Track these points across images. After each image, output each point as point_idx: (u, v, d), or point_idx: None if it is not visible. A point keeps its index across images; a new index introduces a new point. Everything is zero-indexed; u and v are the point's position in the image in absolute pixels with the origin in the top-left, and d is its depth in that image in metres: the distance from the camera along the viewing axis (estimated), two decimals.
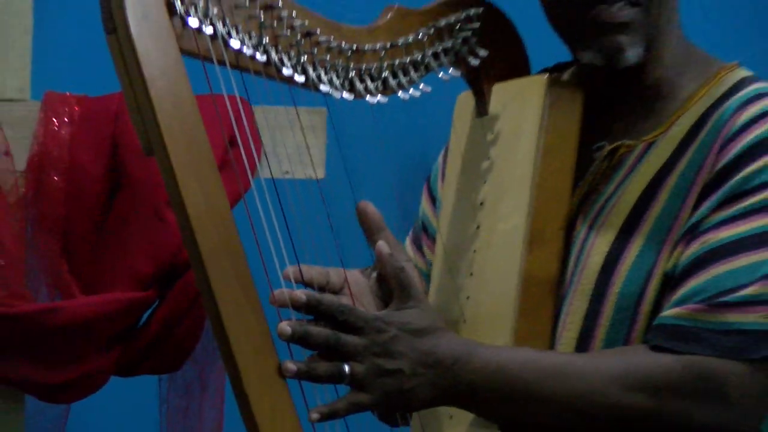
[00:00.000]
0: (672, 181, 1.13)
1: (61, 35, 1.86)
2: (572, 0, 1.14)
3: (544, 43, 1.28)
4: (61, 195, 1.56)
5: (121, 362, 1.55)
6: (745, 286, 1.05)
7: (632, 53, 1.14)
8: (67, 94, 1.60)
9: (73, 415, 1.71)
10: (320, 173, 1.59)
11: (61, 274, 1.54)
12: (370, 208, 1.10)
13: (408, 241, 1.32)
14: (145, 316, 1.57)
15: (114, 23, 0.91)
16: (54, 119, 1.60)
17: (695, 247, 1.07)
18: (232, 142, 1.09)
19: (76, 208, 1.57)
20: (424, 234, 1.32)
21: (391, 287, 1.06)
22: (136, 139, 1.05)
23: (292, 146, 1.46)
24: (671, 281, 1.10)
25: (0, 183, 1.54)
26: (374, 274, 1.14)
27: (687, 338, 1.06)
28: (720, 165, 1.10)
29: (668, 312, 1.08)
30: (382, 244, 1.06)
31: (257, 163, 1.23)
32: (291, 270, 1.00)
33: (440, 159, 1.33)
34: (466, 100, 1.27)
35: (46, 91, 1.58)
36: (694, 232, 1.10)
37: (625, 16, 1.12)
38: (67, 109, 1.61)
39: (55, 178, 1.57)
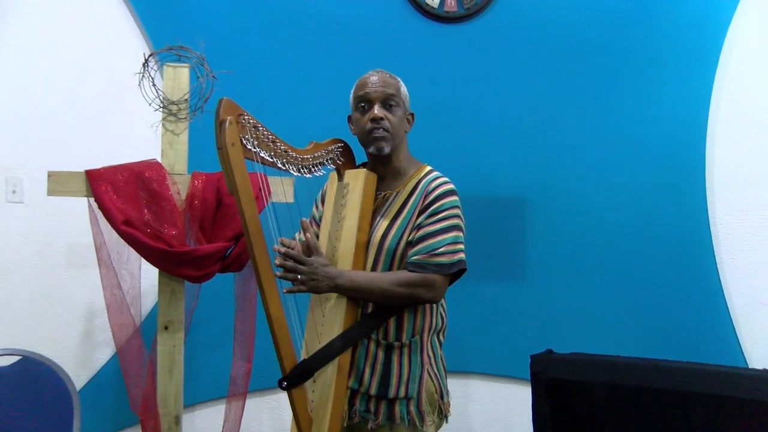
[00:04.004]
0: (408, 206, 1.77)
1: (197, 143, 2.30)
2: (366, 130, 1.77)
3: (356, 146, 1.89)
4: (199, 208, 2.21)
5: (221, 267, 2.26)
6: (440, 247, 1.72)
7: (386, 149, 1.79)
8: (200, 172, 2.27)
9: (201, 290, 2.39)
10: (290, 200, 2.27)
11: (198, 237, 2.20)
12: (304, 219, 1.69)
13: (310, 221, 1.90)
14: (229, 251, 2.26)
15: (220, 145, 1.55)
16: (196, 181, 2.24)
17: (420, 233, 1.74)
18: (260, 189, 1.95)
19: (204, 213, 2.22)
20: (314, 221, 1.97)
21: (311, 248, 1.70)
22: (226, 188, 1.80)
23: (280, 190, 2.23)
24: (411, 245, 1.75)
25: (177, 205, 2.16)
26: (303, 243, 1.72)
27: (420, 267, 1.72)
28: (427, 202, 1.76)
29: (412, 258, 1.72)
30: (309, 235, 1.68)
31: (267, 197, 2.03)
32: (280, 240, 1.65)
33: (320, 193, 1.97)
34: (334, 174, 1.92)
35: (193, 171, 2.27)
36: (418, 227, 1.75)
37: (383, 133, 1.78)
38: (201, 177, 2.26)
39: (196, 202, 2.21)
